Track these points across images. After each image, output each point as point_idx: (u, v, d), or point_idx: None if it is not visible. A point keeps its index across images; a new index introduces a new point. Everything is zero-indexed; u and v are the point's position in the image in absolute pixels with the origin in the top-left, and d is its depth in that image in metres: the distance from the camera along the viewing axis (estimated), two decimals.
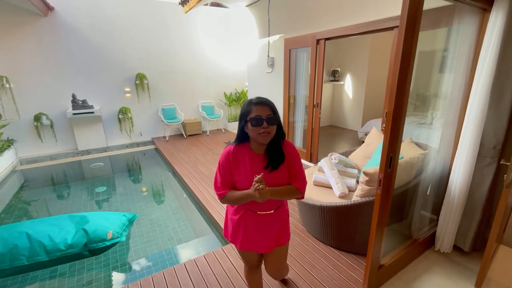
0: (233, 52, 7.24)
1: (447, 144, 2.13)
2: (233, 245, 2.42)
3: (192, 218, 3.42)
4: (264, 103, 1.26)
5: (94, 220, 2.76)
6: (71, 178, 4.95)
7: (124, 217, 3.03)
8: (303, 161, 4.53)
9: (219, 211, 3.08)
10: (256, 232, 1.42)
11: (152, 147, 6.43)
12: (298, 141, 4.82)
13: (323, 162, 2.69)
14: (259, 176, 1.21)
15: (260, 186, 1.19)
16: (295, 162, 1.35)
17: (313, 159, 4.35)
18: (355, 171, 2.73)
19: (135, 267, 2.59)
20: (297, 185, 1.34)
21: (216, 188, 1.36)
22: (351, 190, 2.49)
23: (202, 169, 4.45)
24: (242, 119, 1.29)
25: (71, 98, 5.33)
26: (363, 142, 5.52)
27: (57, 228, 2.59)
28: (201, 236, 3.06)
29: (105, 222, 2.79)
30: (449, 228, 2.10)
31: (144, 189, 4.53)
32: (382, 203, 1.57)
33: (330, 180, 2.52)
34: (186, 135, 6.71)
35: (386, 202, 1.61)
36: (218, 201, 3.24)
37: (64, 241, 2.48)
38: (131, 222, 3.08)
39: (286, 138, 1.40)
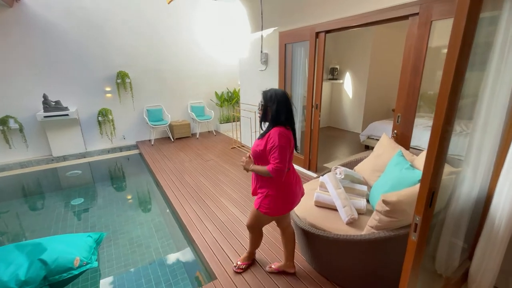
0: (225, 48, 6.73)
1: (486, 158, 1.69)
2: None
3: (177, 237, 2.99)
4: (262, 93, 1.81)
5: (53, 246, 2.30)
6: (45, 188, 4.46)
7: (90, 238, 2.59)
8: (301, 170, 4.03)
9: (202, 232, 2.62)
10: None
11: (137, 151, 5.92)
12: None
13: (327, 179, 2.24)
14: (248, 154, 1.82)
15: (244, 160, 1.82)
16: (270, 149, 1.69)
17: (312, 167, 3.90)
18: (364, 188, 2.29)
19: None
20: (268, 167, 1.70)
21: None
22: (360, 212, 2.05)
23: (188, 179, 3.97)
24: None
25: (42, 99, 4.77)
26: (366, 146, 5.10)
27: (2, 264, 2.11)
28: (186, 260, 2.64)
29: (67, 247, 2.34)
30: (490, 264, 1.67)
31: (127, 199, 4.05)
32: (417, 253, 1.13)
33: (335, 202, 2.07)
34: (173, 138, 6.20)
35: (421, 251, 1.17)
36: (202, 221, 2.83)
37: (15, 278, 2.01)
38: (98, 243, 2.66)
39: (281, 127, 1.71)
